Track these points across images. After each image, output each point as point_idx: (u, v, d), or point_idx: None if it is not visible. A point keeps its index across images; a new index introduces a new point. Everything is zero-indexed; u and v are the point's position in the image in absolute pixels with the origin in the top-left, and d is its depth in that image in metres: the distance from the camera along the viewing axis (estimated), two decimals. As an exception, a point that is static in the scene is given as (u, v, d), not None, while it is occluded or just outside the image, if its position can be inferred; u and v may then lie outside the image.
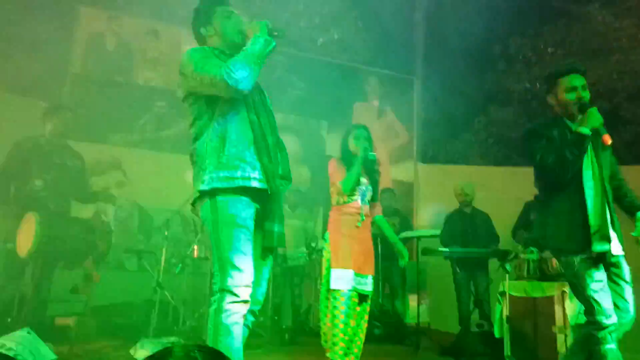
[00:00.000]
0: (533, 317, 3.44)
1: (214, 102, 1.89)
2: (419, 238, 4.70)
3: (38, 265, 3.16)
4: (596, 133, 2.20)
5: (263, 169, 1.87)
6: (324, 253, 2.97)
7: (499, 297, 3.65)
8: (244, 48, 1.87)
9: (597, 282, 2.13)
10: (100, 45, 5.37)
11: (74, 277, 3.45)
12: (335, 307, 2.77)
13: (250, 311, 1.91)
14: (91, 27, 5.36)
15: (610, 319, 2.10)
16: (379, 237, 4.87)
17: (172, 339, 3.43)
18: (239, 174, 1.83)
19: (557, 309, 3.26)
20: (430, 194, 6.47)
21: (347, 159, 3.01)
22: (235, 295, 1.74)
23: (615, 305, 2.16)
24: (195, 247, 4.33)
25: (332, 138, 6.39)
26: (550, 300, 3.29)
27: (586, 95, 2.26)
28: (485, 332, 3.95)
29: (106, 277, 4.06)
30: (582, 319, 3.19)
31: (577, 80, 2.27)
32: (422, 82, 7.53)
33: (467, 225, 4.59)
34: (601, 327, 2.10)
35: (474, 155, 9.50)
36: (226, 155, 1.84)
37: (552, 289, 3.31)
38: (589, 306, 2.13)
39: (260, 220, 1.92)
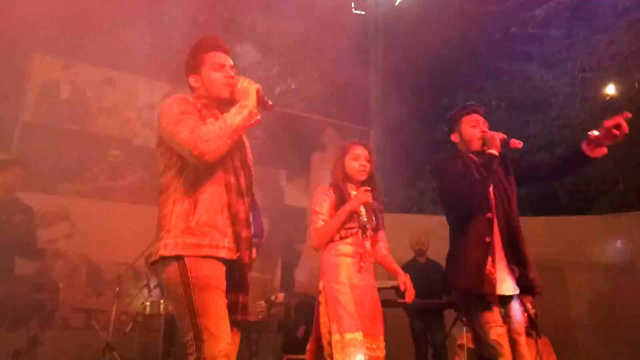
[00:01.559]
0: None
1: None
2: (378, 289, 4.70)
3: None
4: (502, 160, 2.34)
5: (235, 238, 1.75)
6: (320, 309, 2.32)
7: (457, 351, 3.68)
8: (225, 115, 1.77)
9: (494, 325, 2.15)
10: (54, 93, 5.25)
11: (17, 340, 3.22)
12: None
13: None
14: (45, 75, 5.26)
15: None
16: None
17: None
18: (207, 241, 1.70)
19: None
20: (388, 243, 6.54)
21: (338, 183, 2.48)
22: None
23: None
24: (147, 303, 4.15)
25: (290, 188, 6.42)
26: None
27: (486, 129, 2.40)
28: (444, 385, 3.95)
29: (51, 338, 3.82)
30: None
31: (479, 118, 2.44)
32: (377, 132, 7.77)
33: (421, 276, 4.65)
34: None
35: (427, 202, 9.77)
36: (195, 219, 1.71)
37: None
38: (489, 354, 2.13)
39: (228, 290, 1.76)
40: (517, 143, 2.24)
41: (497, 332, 2.14)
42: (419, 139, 9.97)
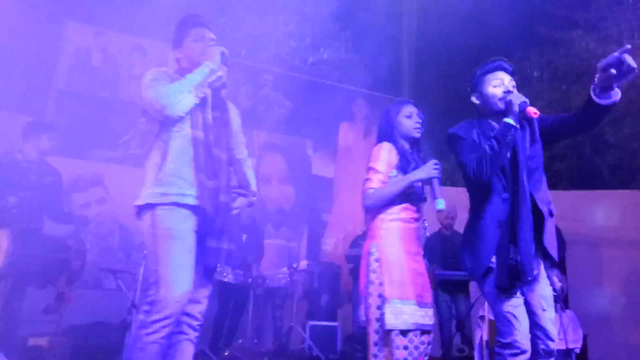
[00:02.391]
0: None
1: (162, 121, 1.96)
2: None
3: (8, 283, 3.08)
4: (522, 129, 2.05)
5: (201, 187, 1.88)
6: (371, 274, 2.16)
7: (479, 322, 3.62)
8: (187, 75, 1.95)
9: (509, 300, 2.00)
10: (86, 61, 5.35)
11: (46, 296, 3.36)
12: (395, 356, 2.07)
13: (192, 326, 1.95)
14: (77, 43, 5.35)
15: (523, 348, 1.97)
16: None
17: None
18: (174, 190, 1.86)
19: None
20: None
21: (397, 140, 2.31)
22: (162, 312, 1.75)
23: (536, 337, 2.03)
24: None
25: (317, 157, 6.38)
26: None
27: (514, 90, 2.10)
28: (466, 357, 3.91)
29: (83, 296, 3.99)
30: (562, 345, 3.20)
31: (504, 76, 2.15)
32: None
33: (447, 248, 4.58)
34: (517, 350, 1.97)
35: (460, 177, 9.57)
36: (163, 171, 1.89)
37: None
38: (503, 326, 2.00)
39: (204, 237, 1.92)
40: (532, 112, 1.97)
41: (511, 304, 2.00)
42: (455, 112, 9.72)
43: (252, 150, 6.09)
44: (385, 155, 2.26)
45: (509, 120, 2.00)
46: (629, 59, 1.82)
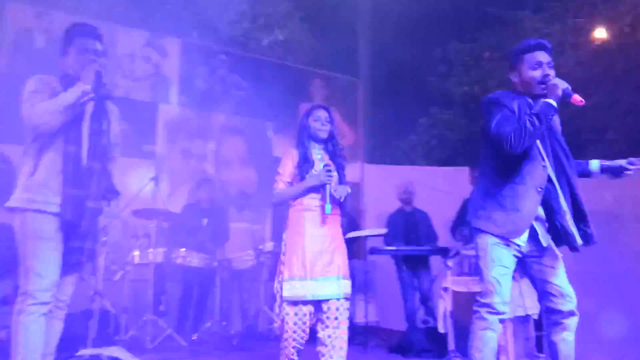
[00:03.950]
0: (475, 311, 3.54)
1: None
2: (366, 237, 4.75)
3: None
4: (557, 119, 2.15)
5: (65, 197, 2.07)
6: (281, 257, 2.66)
7: (442, 293, 3.75)
8: (62, 93, 2.08)
9: (502, 267, 2.12)
10: (28, 42, 5.05)
11: (4, 287, 3.22)
12: (285, 320, 2.55)
13: (59, 307, 2.21)
14: (19, 24, 5.04)
15: (500, 310, 2.11)
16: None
17: (113, 348, 3.28)
18: (39, 198, 2.07)
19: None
20: (377, 194, 6.55)
21: (303, 143, 2.72)
22: (34, 298, 2.02)
23: (551, 295, 2.15)
24: (137, 253, 4.16)
25: (278, 139, 6.34)
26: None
27: (552, 73, 2.12)
28: (431, 328, 4.06)
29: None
30: (521, 312, 3.36)
31: (543, 57, 2.13)
32: (366, 84, 7.63)
33: (408, 224, 4.70)
34: (493, 310, 2.11)
35: (418, 156, 9.76)
36: (32, 180, 2.08)
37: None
38: (486, 288, 2.13)
39: (69, 237, 2.12)
40: (578, 100, 2.00)
41: (499, 271, 2.11)
42: (410, 91, 9.86)
43: (212, 133, 5.99)
44: (289, 161, 2.70)
45: (552, 102, 2.03)
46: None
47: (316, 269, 2.54)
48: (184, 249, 4.27)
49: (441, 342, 3.71)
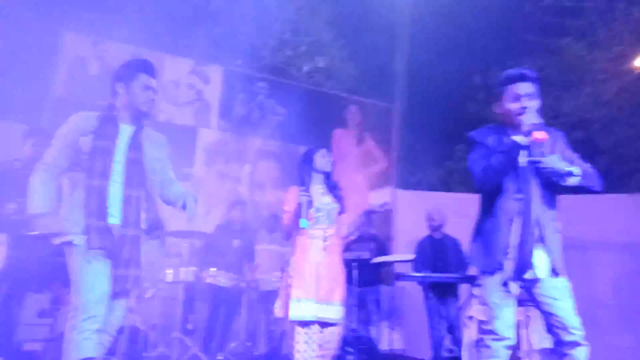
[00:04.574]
0: (500, 342, 3.47)
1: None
2: (393, 263, 4.76)
3: (6, 287, 3.16)
4: (536, 146, 2.13)
5: (87, 228, 2.13)
6: (287, 280, 2.94)
7: (467, 322, 3.69)
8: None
9: (500, 292, 2.17)
10: (83, 69, 5.45)
11: (42, 300, 3.43)
12: (295, 339, 2.79)
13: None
14: (75, 52, 5.45)
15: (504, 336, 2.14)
16: (353, 262, 4.91)
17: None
18: (70, 230, 2.15)
19: (522, 332, 3.31)
20: (409, 220, 6.53)
21: (303, 179, 3.09)
22: (85, 312, 2.06)
23: (554, 326, 2.15)
24: (170, 271, 4.32)
25: (311, 163, 6.46)
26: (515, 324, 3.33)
27: (531, 104, 2.13)
28: (456, 357, 3.98)
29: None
30: (547, 343, 3.26)
31: (524, 88, 2.16)
32: (403, 110, 7.68)
33: (436, 251, 4.67)
34: (497, 336, 2.14)
35: (454, 182, 9.66)
36: (60, 213, 2.21)
37: (518, 314, 3.36)
38: (488, 315, 2.18)
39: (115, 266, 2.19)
40: (538, 136, 2.01)
41: (500, 296, 2.17)
42: (448, 118, 9.83)
43: (247, 157, 6.19)
44: (290, 197, 3.01)
45: (517, 139, 2.09)
46: None
47: (321, 292, 2.80)
48: (214, 269, 4.40)
49: (464, 373, 3.65)
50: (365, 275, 4.96)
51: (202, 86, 6.14)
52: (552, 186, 2.21)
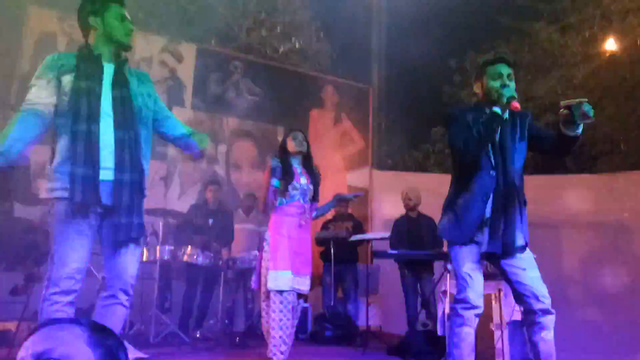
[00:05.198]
0: (472, 315, 3.56)
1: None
2: (370, 242, 4.81)
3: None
4: (513, 123, 2.27)
5: (77, 179, 1.93)
6: (264, 254, 3.11)
7: (441, 296, 3.77)
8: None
9: (470, 264, 2.23)
10: (51, 44, 5.27)
11: (14, 278, 3.36)
12: (272, 307, 2.96)
13: (124, 290, 2.11)
14: (40, 27, 5.26)
15: (475, 304, 2.20)
16: (332, 240, 4.96)
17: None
18: (57, 185, 1.95)
19: (494, 306, 3.40)
20: (386, 200, 6.61)
21: (284, 159, 3.20)
22: (57, 286, 1.91)
23: (524, 295, 2.21)
24: (144, 250, 4.28)
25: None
26: (487, 298, 3.42)
27: (511, 84, 2.24)
28: (430, 330, 4.07)
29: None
30: (517, 316, 3.37)
31: (504, 69, 2.28)
32: (379, 91, 7.70)
33: (412, 229, 4.73)
34: (468, 305, 2.21)
35: (431, 165, 9.77)
36: (51, 167, 1.98)
37: (489, 288, 3.45)
38: (460, 285, 2.24)
39: (110, 215, 2.02)
40: (513, 106, 2.13)
41: (470, 267, 2.23)
42: (425, 101, 9.89)
43: (223, 137, 6.13)
44: (268, 173, 3.19)
45: (496, 110, 2.20)
46: (586, 108, 2.07)
47: (296, 265, 3.01)
48: (190, 247, 4.38)
49: (438, 345, 3.73)
50: (343, 253, 5.02)
51: (176, 64, 6.03)
52: (531, 151, 2.37)
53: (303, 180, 3.19)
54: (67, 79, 2.00)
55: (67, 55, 2.09)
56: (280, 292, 2.96)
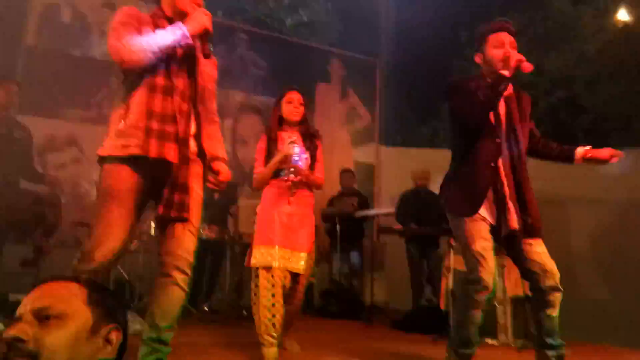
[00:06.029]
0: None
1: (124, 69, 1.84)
2: (375, 217, 4.81)
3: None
4: (518, 98, 2.21)
5: (146, 133, 1.79)
6: (254, 227, 2.81)
7: (445, 272, 3.78)
8: (158, 31, 1.83)
9: (482, 240, 2.13)
10: (55, 16, 5.22)
11: (25, 250, 3.41)
12: (256, 284, 2.68)
13: (177, 268, 1.90)
14: (45, -1, 5.21)
15: (488, 285, 2.12)
16: (337, 216, 4.96)
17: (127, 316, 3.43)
18: (133, 142, 1.78)
19: (498, 281, 3.40)
20: (393, 176, 6.57)
21: (273, 130, 2.81)
22: (91, 262, 1.75)
23: (532, 272, 2.14)
24: (153, 223, 4.30)
25: (295, 118, 6.40)
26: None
27: (513, 53, 2.13)
28: (434, 306, 4.10)
29: (61, 255, 4.02)
30: (520, 292, 3.37)
31: (506, 37, 2.18)
32: (387, 66, 7.58)
33: (419, 205, 4.72)
34: (480, 285, 2.12)
35: (440, 141, 9.68)
36: (125, 122, 1.81)
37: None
38: (472, 263, 2.14)
39: (159, 189, 1.84)
40: (527, 67, 2.06)
41: (481, 245, 2.13)
42: (434, 75, 9.74)
43: (229, 111, 6.08)
44: (262, 146, 2.83)
45: (504, 72, 2.09)
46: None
47: (285, 241, 2.69)
48: (197, 221, 4.39)
49: (443, 320, 3.75)
50: (349, 229, 5.03)
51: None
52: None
53: (296, 150, 2.76)
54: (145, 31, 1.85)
55: (141, 10, 1.94)
56: (267, 269, 2.65)
